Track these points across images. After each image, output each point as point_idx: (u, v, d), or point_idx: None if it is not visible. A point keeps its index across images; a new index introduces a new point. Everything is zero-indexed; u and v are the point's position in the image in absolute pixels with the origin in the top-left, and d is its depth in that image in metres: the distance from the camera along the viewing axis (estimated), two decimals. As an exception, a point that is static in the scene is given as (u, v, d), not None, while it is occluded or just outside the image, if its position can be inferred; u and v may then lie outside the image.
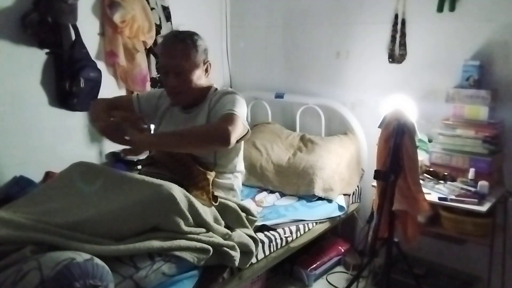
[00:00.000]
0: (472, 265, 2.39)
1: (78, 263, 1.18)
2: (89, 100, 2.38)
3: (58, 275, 1.14)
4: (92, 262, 1.23)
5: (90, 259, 1.23)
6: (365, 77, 2.73)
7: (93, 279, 1.19)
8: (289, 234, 2.11)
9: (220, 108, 1.75)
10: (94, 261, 1.23)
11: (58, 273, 1.15)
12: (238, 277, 1.83)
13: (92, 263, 1.22)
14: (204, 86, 1.90)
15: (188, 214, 1.54)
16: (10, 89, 2.16)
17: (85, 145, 2.52)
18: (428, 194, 2.07)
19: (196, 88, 1.84)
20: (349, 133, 2.76)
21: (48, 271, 1.15)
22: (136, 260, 1.43)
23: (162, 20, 2.75)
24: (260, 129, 2.98)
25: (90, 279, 1.18)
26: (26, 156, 2.25)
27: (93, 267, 1.21)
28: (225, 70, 3.37)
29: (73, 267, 1.17)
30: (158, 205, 1.49)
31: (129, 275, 1.39)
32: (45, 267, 1.16)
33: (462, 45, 2.34)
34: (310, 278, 2.48)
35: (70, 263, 1.18)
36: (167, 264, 1.49)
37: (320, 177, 2.46)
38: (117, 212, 1.45)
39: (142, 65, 2.60)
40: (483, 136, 2.19)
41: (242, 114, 1.74)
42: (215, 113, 1.77)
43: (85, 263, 1.20)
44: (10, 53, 2.13)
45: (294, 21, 3.02)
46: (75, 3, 2.22)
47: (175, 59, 1.78)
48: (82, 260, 1.21)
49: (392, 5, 2.55)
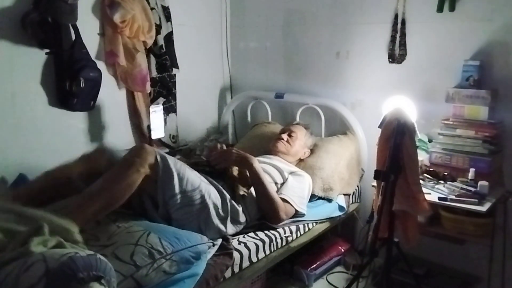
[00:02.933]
0: (472, 265, 2.39)
1: (81, 256, 1.20)
2: (89, 100, 2.39)
3: (63, 266, 1.16)
4: (96, 256, 1.24)
5: (94, 254, 1.25)
6: (365, 77, 2.73)
7: (96, 271, 1.20)
8: (289, 234, 2.11)
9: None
10: (97, 256, 1.25)
11: (62, 264, 1.16)
12: (238, 277, 1.83)
13: (95, 258, 1.23)
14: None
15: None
16: (10, 89, 2.16)
17: (85, 145, 2.51)
18: (428, 194, 2.07)
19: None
20: (349, 133, 2.76)
21: (53, 263, 1.16)
22: (136, 258, 1.44)
23: (162, 20, 2.75)
24: (261, 128, 2.98)
25: (94, 271, 1.19)
26: (26, 156, 2.25)
27: (97, 261, 1.22)
28: (225, 70, 3.37)
29: (77, 259, 1.18)
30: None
31: (130, 274, 1.40)
32: (50, 259, 1.17)
33: (462, 45, 2.34)
34: (310, 278, 2.48)
35: (74, 256, 1.19)
36: (167, 262, 1.50)
37: (320, 177, 2.46)
38: None
39: (142, 65, 2.60)
40: (483, 136, 2.19)
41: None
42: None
43: (88, 257, 1.22)
44: (10, 53, 2.13)
45: (294, 21, 3.02)
46: (75, 3, 2.22)
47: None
48: (85, 254, 1.22)
49: (392, 5, 2.55)
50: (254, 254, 1.91)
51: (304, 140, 2.52)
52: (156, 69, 2.76)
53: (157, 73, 2.77)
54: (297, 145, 2.47)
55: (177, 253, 1.56)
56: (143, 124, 2.70)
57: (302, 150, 2.52)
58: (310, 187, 2.31)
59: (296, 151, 2.45)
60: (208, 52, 3.25)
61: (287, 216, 2.12)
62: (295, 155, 2.49)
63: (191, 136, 3.13)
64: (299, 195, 2.21)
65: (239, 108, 3.31)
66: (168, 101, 2.91)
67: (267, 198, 2.07)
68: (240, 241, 1.92)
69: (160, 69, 2.78)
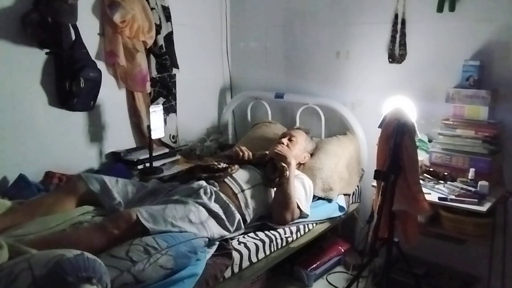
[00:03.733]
0: (472, 265, 2.39)
1: (68, 259, 1.18)
2: (89, 100, 2.39)
3: (50, 272, 1.14)
4: (83, 256, 1.22)
5: (80, 254, 1.23)
6: (365, 77, 2.73)
7: (85, 272, 1.19)
8: (289, 234, 2.11)
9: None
10: (84, 256, 1.23)
11: (49, 271, 1.15)
12: (238, 277, 1.83)
13: (82, 258, 1.22)
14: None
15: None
16: (10, 89, 2.16)
17: (85, 145, 2.52)
18: (428, 194, 2.06)
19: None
20: (348, 133, 2.76)
21: (39, 270, 1.15)
22: (132, 255, 1.46)
23: (162, 20, 2.75)
24: (261, 128, 2.98)
25: (82, 272, 1.18)
26: (26, 156, 2.25)
27: (84, 261, 1.21)
28: (225, 70, 3.37)
29: (64, 263, 1.17)
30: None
31: (126, 268, 1.41)
32: (36, 266, 1.16)
33: (462, 45, 2.34)
34: (310, 278, 2.48)
35: (61, 259, 1.18)
36: (164, 257, 1.51)
37: (319, 177, 2.46)
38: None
39: (142, 65, 2.60)
40: (483, 136, 2.19)
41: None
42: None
43: (75, 258, 1.20)
44: (10, 53, 2.13)
45: (294, 21, 3.02)
46: (75, 3, 2.22)
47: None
48: (72, 256, 1.20)
49: (392, 5, 2.55)
50: (254, 254, 1.90)
51: (304, 144, 2.53)
52: (156, 69, 2.76)
53: (157, 73, 2.77)
54: (297, 149, 2.47)
55: (172, 247, 1.56)
56: (143, 124, 2.70)
57: (302, 155, 2.52)
58: (311, 190, 2.33)
59: (296, 155, 2.45)
60: (208, 52, 3.25)
61: (295, 218, 2.14)
62: (295, 159, 2.48)
63: (191, 136, 3.13)
64: (304, 197, 2.24)
65: (239, 108, 3.31)
66: (168, 101, 2.91)
67: (288, 199, 2.10)
68: (240, 241, 1.92)
69: (160, 69, 2.78)
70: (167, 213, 1.72)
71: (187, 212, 1.79)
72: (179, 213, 1.76)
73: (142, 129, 2.72)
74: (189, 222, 1.76)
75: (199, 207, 1.86)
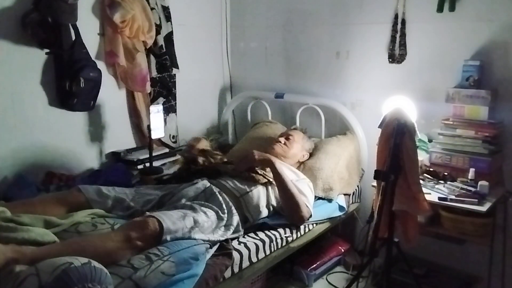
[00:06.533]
0: (472, 265, 2.39)
1: (76, 267, 1.18)
2: (89, 100, 2.39)
3: (57, 280, 1.14)
4: (90, 265, 1.22)
5: (88, 262, 1.23)
6: (365, 77, 2.73)
7: (91, 283, 1.18)
8: (289, 234, 2.11)
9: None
10: (91, 264, 1.23)
11: (56, 278, 1.14)
12: (238, 277, 1.83)
13: (89, 267, 1.21)
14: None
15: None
16: (10, 89, 2.16)
17: (85, 145, 2.51)
18: (428, 194, 2.06)
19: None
20: (348, 133, 2.76)
21: (46, 277, 1.14)
22: (133, 261, 1.44)
23: (162, 20, 2.75)
24: (261, 128, 2.98)
25: (89, 283, 1.17)
26: (26, 156, 2.25)
27: (91, 270, 1.20)
28: (225, 70, 3.37)
29: (71, 272, 1.16)
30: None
31: (128, 275, 1.39)
32: (43, 273, 1.15)
33: (462, 45, 2.34)
34: (310, 278, 2.48)
35: (68, 268, 1.17)
36: (166, 263, 1.49)
37: (319, 177, 2.46)
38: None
39: (142, 65, 2.60)
40: (483, 136, 2.19)
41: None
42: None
43: (82, 267, 1.20)
44: (10, 53, 2.13)
45: (294, 21, 3.02)
46: (75, 3, 2.22)
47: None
48: (79, 264, 1.20)
49: (392, 5, 2.55)
50: (254, 254, 1.91)
51: (302, 142, 2.53)
52: (156, 69, 2.76)
53: (157, 73, 2.77)
54: (295, 147, 2.48)
55: (174, 254, 1.56)
56: (143, 124, 2.70)
57: (300, 153, 2.53)
58: (313, 191, 2.34)
59: (294, 154, 2.47)
60: (208, 52, 3.25)
61: (308, 215, 2.14)
62: (293, 157, 2.50)
63: (191, 136, 3.12)
64: (312, 198, 2.25)
65: (239, 108, 3.31)
66: (168, 101, 2.91)
67: (289, 196, 2.11)
68: (240, 241, 1.92)
69: (160, 69, 2.78)
70: (186, 224, 1.71)
71: (201, 222, 1.77)
72: (192, 223, 1.74)
73: (142, 129, 2.72)
74: (201, 232, 1.76)
75: (211, 216, 1.85)
